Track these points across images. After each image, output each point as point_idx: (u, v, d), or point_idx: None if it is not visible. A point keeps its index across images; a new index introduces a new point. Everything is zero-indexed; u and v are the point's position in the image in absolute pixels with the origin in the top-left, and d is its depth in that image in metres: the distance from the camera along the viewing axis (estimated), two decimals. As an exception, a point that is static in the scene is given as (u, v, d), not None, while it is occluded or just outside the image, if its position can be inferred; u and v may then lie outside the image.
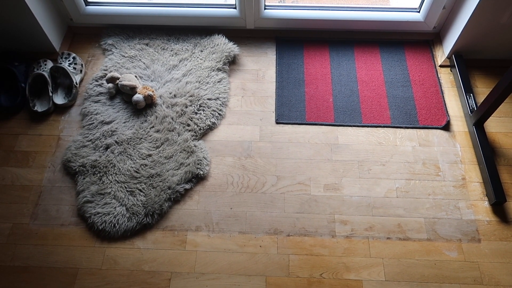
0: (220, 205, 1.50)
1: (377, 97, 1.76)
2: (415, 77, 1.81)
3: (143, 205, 1.47)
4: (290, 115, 1.72)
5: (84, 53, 1.93)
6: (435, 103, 1.73)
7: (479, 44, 1.77)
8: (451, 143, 1.63)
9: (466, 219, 1.46)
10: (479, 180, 1.55)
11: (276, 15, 1.91)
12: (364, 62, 1.87)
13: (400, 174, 1.56)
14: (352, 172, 1.57)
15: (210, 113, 1.70)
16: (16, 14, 1.69)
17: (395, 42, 1.94)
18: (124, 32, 1.96)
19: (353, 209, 1.49)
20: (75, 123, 1.71)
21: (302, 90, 1.79)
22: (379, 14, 1.92)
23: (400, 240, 1.43)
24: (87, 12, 1.92)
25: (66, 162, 1.58)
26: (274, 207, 1.49)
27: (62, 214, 1.49)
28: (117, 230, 1.43)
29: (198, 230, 1.45)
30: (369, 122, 1.69)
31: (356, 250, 1.41)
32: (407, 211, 1.48)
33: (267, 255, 1.40)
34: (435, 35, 1.94)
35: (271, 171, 1.58)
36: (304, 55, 1.90)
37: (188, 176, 1.54)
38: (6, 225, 1.47)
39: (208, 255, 1.40)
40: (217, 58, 1.85)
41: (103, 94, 1.76)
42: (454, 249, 1.40)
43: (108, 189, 1.50)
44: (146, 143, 1.61)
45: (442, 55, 1.86)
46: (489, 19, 1.64)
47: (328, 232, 1.44)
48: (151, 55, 1.87)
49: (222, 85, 1.79)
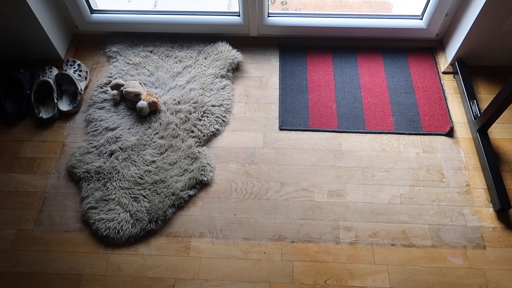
0: (224, 211, 1.50)
1: (381, 104, 1.76)
2: (418, 83, 1.82)
3: (147, 211, 1.47)
4: (293, 121, 1.72)
5: (89, 60, 1.94)
6: (439, 109, 1.73)
7: (481, 51, 1.77)
8: (455, 150, 1.63)
9: (471, 225, 1.46)
10: (483, 186, 1.54)
11: (280, 23, 1.93)
12: (367, 69, 1.88)
13: (404, 181, 1.56)
14: (356, 179, 1.57)
15: (214, 119, 1.71)
16: (22, 22, 1.71)
17: (398, 49, 1.95)
18: (128, 39, 1.97)
19: (357, 215, 1.48)
20: (79, 130, 1.72)
21: (306, 96, 1.79)
22: (382, 21, 1.93)
23: (405, 246, 1.42)
24: (92, 20, 1.94)
25: (70, 168, 1.58)
26: (278, 214, 1.49)
27: (66, 220, 1.49)
28: (121, 236, 1.43)
29: (202, 237, 1.45)
30: (372, 129, 1.69)
31: (361, 257, 1.40)
32: (411, 217, 1.48)
33: (271, 262, 1.39)
34: (438, 42, 1.95)
35: (274, 178, 1.58)
36: (308, 62, 1.91)
37: (192, 182, 1.54)
38: (10, 231, 1.47)
39: (212, 262, 1.40)
40: (221, 65, 1.87)
41: (107, 100, 1.78)
42: (459, 256, 1.40)
43: (112, 195, 1.51)
44: (150, 149, 1.62)
45: (445, 62, 1.86)
46: (492, 26, 1.65)
47: (332, 239, 1.44)
48: (156, 62, 1.89)
49: (225, 91, 1.80)
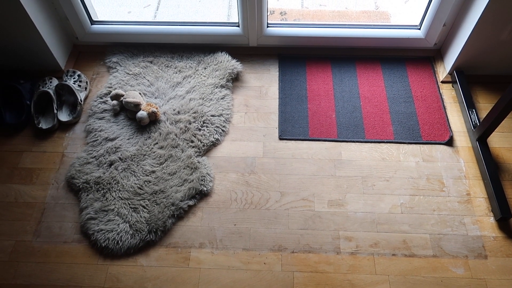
0: (223, 221, 1.50)
1: (380, 113, 1.76)
2: (417, 93, 1.83)
3: (146, 221, 1.46)
4: (293, 131, 1.72)
5: (89, 70, 1.95)
6: (438, 118, 1.74)
7: (480, 60, 1.78)
8: (454, 159, 1.63)
9: (472, 235, 1.45)
10: (484, 195, 1.54)
11: (279, 33, 1.94)
12: (366, 78, 1.89)
13: (404, 190, 1.56)
14: (356, 188, 1.56)
15: (213, 129, 1.71)
16: (23, 33, 1.72)
17: (396, 59, 1.96)
18: (128, 50, 1.98)
19: (357, 225, 1.48)
20: (79, 140, 1.72)
21: (305, 106, 1.80)
22: (380, 31, 1.94)
23: (406, 256, 1.41)
24: (93, 30, 1.95)
25: (69, 179, 1.58)
26: (278, 224, 1.49)
27: (65, 231, 1.48)
28: (120, 247, 1.42)
29: (201, 247, 1.44)
30: (372, 138, 1.69)
31: (361, 267, 1.39)
32: (412, 227, 1.47)
33: (272, 272, 1.38)
34: (436, 52, 1.96)
35: (274, 187, 1.57)
36: (307, 72, 1.92)
37: (192, 192, 1.53)
38: (8, 242, 1.46)
39: (211, 273, 1.39)
40: (220, 75, 1.87)
41: (107, 111, 1.78)
42: (461, 265, 1.39)
43: (111, 205, 1.50)
44: (150, 159, 1.62)
45: (444, 71, 1.87)
46: (489, 36, 1.66)
47: (332, 249, 1.43)
48: (155, 73, 1.89)
49: (225, 101, 1.80)
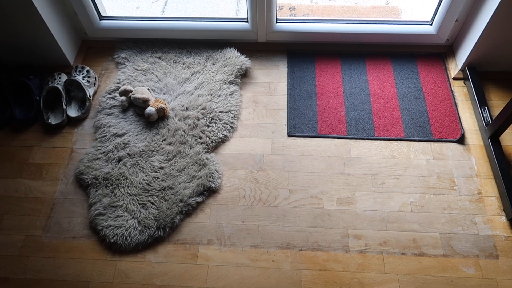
0: (232, 218, 1.49)
1: (390, 110, 1.74)
2: (428, 89, 1.80)
3: (154, 218, 1.46)
4: (302, 128, 1.71)
5: (97, 66, 1.95)
6: (449, 116, 1.71)
7: (493, 56, 1.75)
8: (466, 157, 1.61)
9: (483, 234, 1.43)
10: (495, 194, 1.52)
11: (288, 29, 1.92)
12: (376, 75, 1.86)
13: (415, 188, 1.54)
14: (365, 186, 1.55)
15: (222, 126, 1.70)
16: (32, 29, 1.72)
17: (407, 55, 1.93)
18: (137, 45, 1.98)
19: (366, 223, 1.46)
20: (88, 136, 1.72)
21: (314, 103, 1.78)
22: (391, 27, 1.91)
23: (416, 255, 1.40)
24: (101, 26, 1.95)
25: (78, 175, 1.58)
26: (287, 221, 1.48)
27: (74, 226, 1.49)
28: (129, 243, 1.42)
29: (209, 244, 1.44)
30: (382, 135, 1.67)
31: (370, 266, 1.38)
32: (422, 226, 1.45)
33: (280, 270, 1.38)
34: (448, 48, 1.93)
35: (283, 185, 1.56)
36: (316, 68, 1.90)
37: (200, 189, 1.53)
38: (18, 237, 1.47)
39: (219, 270, 1.38)
40: (229, 71, 1.86)
41: (116, 107, 1.78)
42: (471, 265, 1.37)
43: (120, 201, 1.50)
44: (158, 155, 1.61)
45: (455, 68, 1.84)
46: (503, 31, 1.62)
47: (341, 247, 1.42)
48: (164, 68, 1.89)
49: (234, 98, 1.79)
